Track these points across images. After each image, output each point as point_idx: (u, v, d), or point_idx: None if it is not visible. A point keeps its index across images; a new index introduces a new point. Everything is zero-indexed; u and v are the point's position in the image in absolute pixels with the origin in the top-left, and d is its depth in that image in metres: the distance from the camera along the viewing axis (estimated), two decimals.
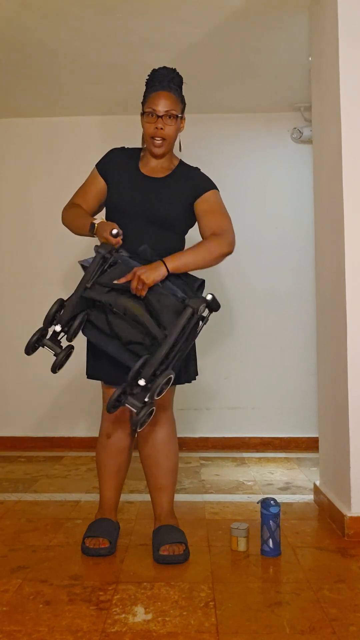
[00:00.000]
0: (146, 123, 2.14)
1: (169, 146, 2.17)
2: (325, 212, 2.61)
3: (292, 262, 4.04)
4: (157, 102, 2.11)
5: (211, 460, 3.63)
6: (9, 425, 4.06)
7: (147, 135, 2.16)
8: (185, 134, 2.28)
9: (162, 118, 2.11)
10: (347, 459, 2.28)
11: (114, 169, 2.22)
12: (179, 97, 2.17)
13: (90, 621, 1.62)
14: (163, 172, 2.21)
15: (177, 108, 2.15)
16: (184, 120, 2.21)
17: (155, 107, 2.11)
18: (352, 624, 1.59)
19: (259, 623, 1.60)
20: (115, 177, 2.21)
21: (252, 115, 4.08)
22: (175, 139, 2.20)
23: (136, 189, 2.16)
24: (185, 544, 2.06)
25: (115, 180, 2.21)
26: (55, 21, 2.91)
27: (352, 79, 2.34)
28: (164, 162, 2.22)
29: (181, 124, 2.20)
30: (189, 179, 2.21)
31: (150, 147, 2.17)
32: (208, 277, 4.00)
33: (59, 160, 4.10)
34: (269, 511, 2.08)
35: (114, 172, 2.22)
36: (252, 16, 2.87)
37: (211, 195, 2.20)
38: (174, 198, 2.17)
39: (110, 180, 2.22)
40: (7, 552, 2.13)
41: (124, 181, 2.19)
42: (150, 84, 2.18)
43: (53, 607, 1.70)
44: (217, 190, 2.22)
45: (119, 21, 2.91)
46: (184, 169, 2.24)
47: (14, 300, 4.09)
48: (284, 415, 3.99)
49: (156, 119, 2.11)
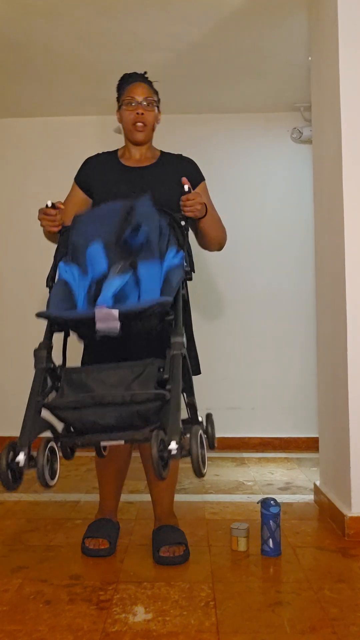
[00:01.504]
0: (126, 111, 2.20)
1: (149, 133, 2.23)
2: (325, 212, 2.61)
3: (292, 262, 4.04)
4: (135, 91, 2.19)
5: (211, 460, 3.63)
6: (9, 425, 4.04)
7: (128, 123, 2.20)
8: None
9: (142, 105, 2.17)
10: (347, 459, 2.28)
11: (94, 174, 2.24)
12: (154, 90, 2.25)
13: (91, 621, 1.62)
14: (148, 161, 2.24)
15: (155, 97, 2.23)
16: (160, 114, 2.27)
17: (134, 95, 2.18)
18: (353, 624, 1.59)
19: (260, 623, 1.60)
20: (99, 180, 2.22)
21: (252, 115, 4.08)
22: (155, 126, 2.25)
23: (126, 181, 2.17)
24: (185, 544, 2.06)
25: (100, 182, 2.21)
26: (53, 21, 2.91)
27: (352, 79, 2.34)
28: (147, 152, 2.26)
29: (158, 115, 2.26)
30: (177, 166, 2.24)
31: (133, 135, 2.21)
32: (208, 277, 4.02)
33: (57, 160, 4.09)
34: (269, 511, 2.08)
35: (95, 176, 2.23)
36: (252, 16, 2.87)
37: (203, 187, 2.27)
38: (166, 184, 2.18)
39: (94, 185, 2.22)
40: (7, 552, 2.13)
41: (111, 178, 2.20)
42: (122, 82, 2.25)
43: (53, 607, 1.70)
44: (205, 180, 2.30)
45: (117, 21, 2.92)
46: (169, 157, 2.28)
47: (13, 301, 4.09)
48: (284, 415, 3.99)
49: (136, 106, 2.17)
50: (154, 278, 1.82)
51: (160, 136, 2.60)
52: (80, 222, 1.93)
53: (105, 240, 1.84)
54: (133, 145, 2.25)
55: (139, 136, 2.20)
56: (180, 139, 4.06)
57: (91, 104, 3.87)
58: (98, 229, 1.88)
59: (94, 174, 2.24)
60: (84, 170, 2.28)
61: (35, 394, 1.62)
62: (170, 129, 4.07)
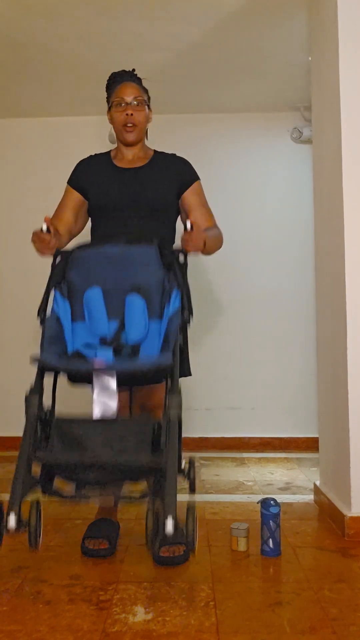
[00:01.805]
0: (116, 113, 2.19)
1: (140, 133, 2.21)
2: (325, 212, 2.61)
3: (292, 262, 4.04)
4: (124, 92, 2.17)
5: (211, 460, 3.63)
6: (9, 425, 4.05)
7: (118, 124, 2.20)
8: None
9: (131, 105, 2.16)
10: (347, 459, 2.28)
11: (87, 175, 2.23)
12: (143, 89, 2.23)
13: (91, 621, 1.61)
14: (141, 162, 2.24)
15: (144, 96, 2.21)
16: (151, 112, 2.26)
17: (123, 96, 2.17)
18: (353, 624, 1.59)
19: (259, 623, 1.60)
20: (92, 181, 2.22)
21: (252, 115, 4.08)
22: (145, 126, 2.24)
23: (120, 182, 2.17)
24: (185, 544, 2.06)
25: (94, 183, 2.21)
26: (53, 21, 2.91)
27: (352, 79, 2.34)
28: (139, 152, 2.25)
29: (149, 114, 2.25)
30: (171, 166, 2.24)
31: (123, 136, 2.20)
32: (208, 277, 4.02)
33: (57, 161, 4.09)
34: (269, 511, 2.08)
35: (88, 178, 2.23)
36: (252, 16, 2.87)
37: (198, 186, 2.26)
38: (160, 183, 2.19)
39: (87, 187, 2.22)
40: (7, 552, 2.13)
41: (104, 180, 2.20)
42: (111, 82, 2.24)
43: (53, 607, 1.70)
44: (199, 179, 2.28)
45: (117, 21, 2.92)
46: (162, 156, 2.28)
47: (14, 301, 4.09)
48: (283, 415, 3.99)
49: (125, 107, 2.16)
50: (154, 335, 1.81)
51: (160, 136, 2.61)
52: (80, 262, 1.90)
53: (104, 287, 1.83)
54: (125, 146, 2.25)
55: (130, 137, 2.20)
56: (180, 139, 4.07)
57: (91, 104, 3.87)
58: (97, 273, 1.85)
59: (87, 176, 2.24)
60: (77, 173, 2.27)
61: (27, 447, 1.55)
62: (170, 129, 4.08)
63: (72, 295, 1.85)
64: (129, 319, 1.79)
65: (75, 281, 1.85)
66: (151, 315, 1.82)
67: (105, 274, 1.85)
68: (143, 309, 1.80)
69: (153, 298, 1.83)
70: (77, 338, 1.81)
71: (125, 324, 1.79)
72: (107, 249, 1.92)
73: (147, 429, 1.55)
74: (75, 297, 1.84)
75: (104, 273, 1.85)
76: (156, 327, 1.81)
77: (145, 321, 1.80)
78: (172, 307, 1.80)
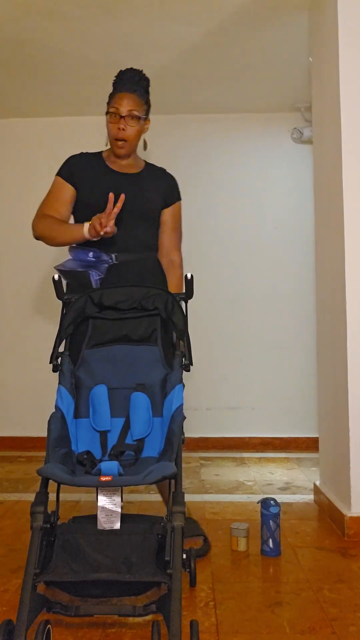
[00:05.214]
0: (109, 123, 2.17)
1: (131, 147, 2.20)
2: (325, 212, 2.61)
3: (292, 262, 4.04)
4: (120, 103, 2.14)
5: (211, 460, 3.63)
6: (9, 425, 4.06)
7: (110, 135, 2.19)
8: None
9: (125, 118, 2.13)
10: (347, 459, 2.28)
11: (80, 172, 2.22)
12: (143, 99, 2.19)
13: (91, 621, 1.62)
14: (133, 169, 2.25)
15: (141, 109, 2.17)
16: (149, 122, 2.23)
17: (119, 107, 2.14)
18: (352, 624, 1.59)
19: (259, 623, 1.60)
20: (85, 179, 2.21)
21: (253, 115, 4.08)
22: (138, 140, 2.22)
23: (114, 185, 2.16)
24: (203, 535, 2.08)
25: (87, 182, 2.20)
26: (55, 21, 2.91)
27: (352, 79, 2.34)
28: (131, 161, 2.26)
29: (145, 125, 2.22)
30: (161, 179, 2.27)
31: (114, 148, 2.21)
32: (208, 277, 4.02)
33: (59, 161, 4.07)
34: (269, 511, 2.08)
35: (81, 175, 2.21)
36: (252, 16, 2.87)
37: (178, 207, 2.32)
38: (153, 193, 2.22)
39: (80, 183, 2.21)
40: (7, 552, 2.13)
41: (98, 180, 2.19)
42: (116, 85, 2.21)
43: None
44: (180, 200, 2.33)
45: (118, 21, 2.92)
46: (152, 169, 2.29)
47: (14, 302, 4.09)
48: (284, 415, 3.99)
49: (119, 119, 2.14)
50: (156, 431, 1.84)
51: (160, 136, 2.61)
52: (88, 361, 1.94)
53: (109, 386, 1.89)
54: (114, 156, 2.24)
55: (120, 152, 2.19)
56: (180, 139, 4.07)
57: (92, 104, 3.87)
58: (103, 372, 1.92)
59: (79, 171, 2.22)
60: (71, 168, 2.25)
61: (32, 566, 1.47)
62: (170, 129, 4.08)
63: (79, 392, 1.92)
64: (134, 415, 1.85)
65: (82, 378, 1.93)
66: (154, 413, 1.88)
67: (111, 374, 1.93)
68: (147, 406, 1.86)
69: (156, 396, 1.89)
70: (80, 435, 1.88)
71: (130, 420, 1.86)
72: (115, 350, 1.96)
73: (151, 542, 1.53)
74: (82, 394, 1.91)
75: (109, 372, 1.93)
76: (158, 423, 1.87)
77: (150, 417, 1.86)
78: (175, 404, 1.81)
